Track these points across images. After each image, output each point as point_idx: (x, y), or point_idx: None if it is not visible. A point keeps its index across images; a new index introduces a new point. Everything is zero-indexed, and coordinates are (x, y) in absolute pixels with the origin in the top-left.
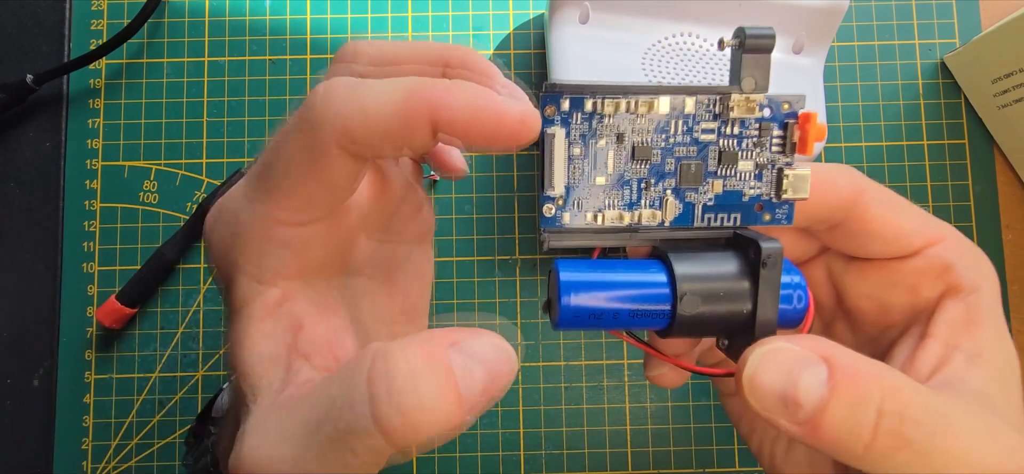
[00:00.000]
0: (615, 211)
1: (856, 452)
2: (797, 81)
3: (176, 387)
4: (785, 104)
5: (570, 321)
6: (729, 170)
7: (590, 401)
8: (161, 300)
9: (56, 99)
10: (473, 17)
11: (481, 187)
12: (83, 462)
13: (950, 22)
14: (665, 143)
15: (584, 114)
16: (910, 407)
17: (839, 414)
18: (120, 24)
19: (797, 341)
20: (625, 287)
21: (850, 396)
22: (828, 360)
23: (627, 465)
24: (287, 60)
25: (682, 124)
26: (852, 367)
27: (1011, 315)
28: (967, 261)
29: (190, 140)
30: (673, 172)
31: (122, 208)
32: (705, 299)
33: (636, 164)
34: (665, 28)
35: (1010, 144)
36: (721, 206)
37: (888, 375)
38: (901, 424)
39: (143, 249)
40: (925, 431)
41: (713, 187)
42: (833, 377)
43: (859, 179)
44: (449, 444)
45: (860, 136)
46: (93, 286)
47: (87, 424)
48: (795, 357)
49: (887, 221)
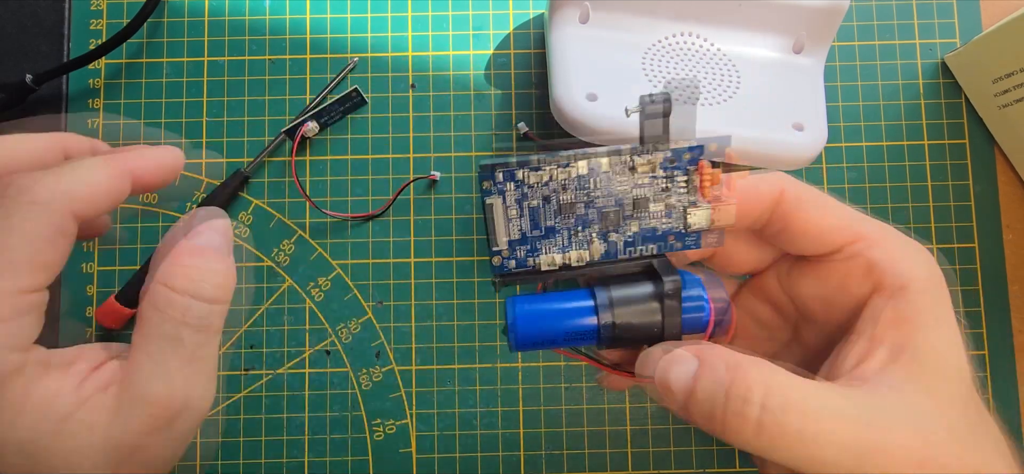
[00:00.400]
0: (549, 256)
1: (717, 429)
2: (797, 81)
3: None
4: (686, 154)
5: (523, 345)
6: (644, 212)
7: (590, 401)
8: None
9: (56, 99)
10: (473, 17)
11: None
12: None
13: (951, 22)
14: (587, 197)
15: (516, 182)
16: (757, 391)
17: (700, 397)
18: (120, 24)
19: (676, 344)
20: (561, 315)
21: (708, 383)
22: (699, 356)
23: (627, 465)
24: (287, 60)
25: (600, 180)
26: (712, 360)
27: (1011, 315)
28: (895, 258)
29: (190, 140)
30: (597, 219)
31: (122, 208)
32: (623, 318)
33: (564, 217)
34: (665, 28)
35: (1011, 144)
36: (641, 240)
37: (749, 367)
38: (744, 405)
39: (143, 249)
40: (773, 413)
41: (631, 227)
42: (699, 369)
43: (782, 181)
44: (449, 444)
45: (860, 136)
46: (93, 286)
47: None
48: (670, 356)
49: (809, 218)
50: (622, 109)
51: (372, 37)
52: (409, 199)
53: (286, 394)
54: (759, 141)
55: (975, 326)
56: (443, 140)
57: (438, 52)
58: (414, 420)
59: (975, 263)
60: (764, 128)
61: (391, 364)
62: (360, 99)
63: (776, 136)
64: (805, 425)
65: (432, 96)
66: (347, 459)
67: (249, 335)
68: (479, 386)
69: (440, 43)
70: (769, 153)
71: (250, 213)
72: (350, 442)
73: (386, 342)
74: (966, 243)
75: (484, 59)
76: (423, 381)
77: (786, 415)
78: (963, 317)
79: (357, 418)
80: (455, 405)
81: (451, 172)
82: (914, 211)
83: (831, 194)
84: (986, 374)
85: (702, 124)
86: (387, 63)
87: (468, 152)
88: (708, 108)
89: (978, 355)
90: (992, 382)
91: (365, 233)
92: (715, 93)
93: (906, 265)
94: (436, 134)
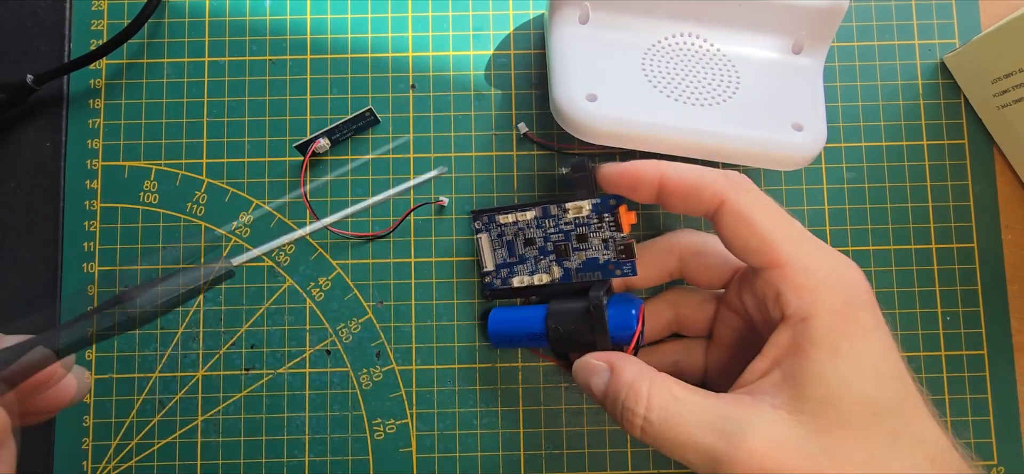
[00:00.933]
0: (520, 278)
1: (620, 425)
2: (797, 81)
3: (176, 387)
4: (612, 200)
5: (495, 342)
6: (585, 245)
7: (590, 401)
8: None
9: (56, 99)
10: (473, 17)
11: (481, 187)
12: (83, 462)
13: (950, 22)
14: (544, 233)
15: (495, 224)
16: (642, 403)
17: (608, 402)
18: (120, 24)
19: (598, 356)
20: (522, 322)
21: (613, 392)
22: (611, 369)
23: (627, 465)
24: (287, 60)
25: (550, 222)
26: (619, 373)
27: (1010, 315)
28: (802, 289)
29: (190, 140)
30: (552, 251)
31: (122, 208)
32: (565, 329)
33: (529, 249)
34: (665, 28)
35: (1010, 144)
36: (587, 268)
37: (641, 382)
38: (633, 414)
39: (143, 249)
40: (658, 412)
41: (579, 257)
42: (610, 379)
43: (726, 191)
44: (449, 444)
45: (860, 136)
46: (93, 286)
47: (87, 424)
48: (589, 368)
49: (736, 232)
50: (623, 109)
51: (372, 37)
52: (409, 199)
53: (286, 394)
54: (758, 141)
55: (974, 326)
56: (443, 140)
57: (438, 52)
58: (414, 420)
59: (974, 263)
60: (763, 128)
61: (391, 364)
62: (373, 119)
63: (775, 136)
64: (674, 432)
65: (432, 96)
66: (347, 459)
67: (249, 335)
68: (479, 386)
69: (440, 43)
70: (768, 153)
71: (251, 213)
72: (350, 442)
73: (386, 342)
74: (965, 243)
75: (484, 59)
76: (423, 381)
77: (660, 423)
78: (891, 336)
79: (357, 418)
80: (455, 405)
81: (451, 172)
82: (913, 211)
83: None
84: (986, 374)
85: (702, 124)
86: (387, 63)
87: (468, 152)
88: (708, 108)
89: (977, 355)
90: (992, 382)
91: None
92: (715, 93)
93: (809, 298)
94: (436, 134)
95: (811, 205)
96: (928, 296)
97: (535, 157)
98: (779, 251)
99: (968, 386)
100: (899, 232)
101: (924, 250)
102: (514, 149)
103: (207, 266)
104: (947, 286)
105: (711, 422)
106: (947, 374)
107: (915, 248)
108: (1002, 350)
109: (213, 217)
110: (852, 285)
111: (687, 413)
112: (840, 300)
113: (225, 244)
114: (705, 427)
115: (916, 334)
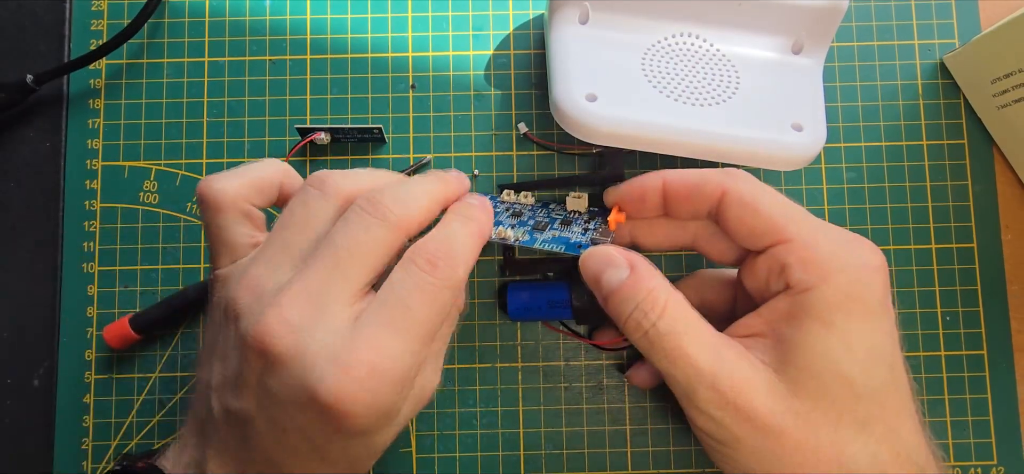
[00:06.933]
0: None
1: (619, 323)
2: (796, 81)
3: (176, 387)
4: (597, 214)
5: (516, 312)
6: (565, 229)
7: (590, 401)
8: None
9: (56, 99)
10: (473, 17)
11: (482, 187)
12: (83, 462)
13: (949, 22)
14: (532, 215)
15: (497, 201)
16: (656, 312)
17: (618, 299)
18: (120, 24)
19: (617, 250)
20: (543, 292)
21: (630, 292)
22: (632, 265)
23: (627, 465)
24: (287, 60)
25: (542, 210)
26: (639, 273)
27: (1010, 315)
28: (807, 263)
29: (190, 140)
30: (532, 224)
31: (122, 208)
32: (590, 299)
33: (513, 218)
34: (665, 28)
35: (1009, 144)
36: (557, 242)
37: (660, 292)
38: (643, 318)
39: (143, 249)
40: (668, 324)
41: (552, 233)
42: (630, 277)
43: (727, 181)
44: (449, 443)
45: (860, 136)
46: (93, 286)
47: (87, 424)
48: (608, 258)
49: (742, 217)
50: (623, 109)
51: (372, 37)
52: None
53: None
54: (758, 141)
55: (974, 326)
56: (443, 140)
57: (438, 52)
58: (414, 420)
59: (974, 263)
60: (763, 128)
61: None
62: (380, 137)
63: (775, 136)
64: (675, 344)
65: (432, 96)
66: None
67: None
68: (479, 386)
69: (440, 43)
70: (768, 153)
71: None
72: None
73: None
74: (965, 243)
75: (484, 59)
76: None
77: (666, 333)
78: (896, 323)
79: None
80: (455, 405)
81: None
82: (913, 211)
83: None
84: (986, 374)
85: (702, 124)
86: (387, 63)
87: (468, 152)
88: (708, 108)
89: (977, 355)
90: (991, 382)
91: None
92: (714, 93)
93: (813, 270)
94: (436, 134)
95: (811, 205)
96: (928, 296)
97: (535, 157)
98: (784, 229)
99: (968, 386)
100: (899, 232)
101: (924, 250)
102: (514, 149)
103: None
104: (947, 286)
105: (709, 349)
106: (947, 374)
107: (915, 248)
108: (1002, 350)
109: None
110: (864, 265)
111: (693, 332)
112: (845, 277)
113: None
114: (703, 351)
115: (916, 334)
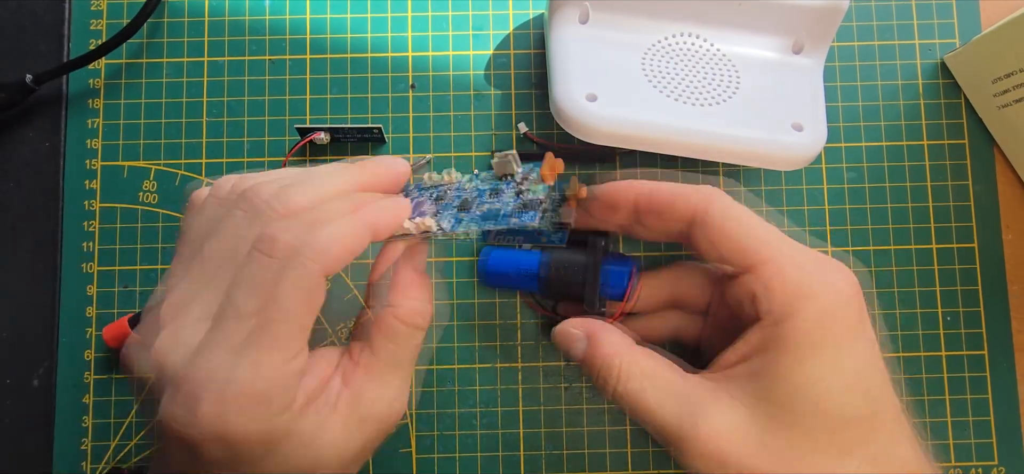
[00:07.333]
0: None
1: (595, 386)
2: (797, 81)
3: None
4: (530, 171)
5: (486, 278)
6: (493, 200)
7: (590, 401)
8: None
9: (56, 99)
10: (473, 17)
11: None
12: (83, 462)
13: (950, 22)
14: (459, 192)
15: (417, 188)
16: (613, 374)
17: (587, 366)
18: (120, 24)
19: (576, 323)
20: (516, 261)
21: (589, 358)
22: (588, 336)
23: (627, 465)
24: (287, 60)
25: (470, 183)
26: (596, 343)
27: (1011, 315)
28: (773, 293)
29: (190, 140)
30: (457, 206)
31: (122, 208)
32: (557, 274)
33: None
34: (665, 28)
35: (1010, 144)
36: (487, 218)
37: (614, 354)
38: (606, 381)
39: (142, 249)
40: (627, 386)
41: (480, 209)
42: (588, 348)
43: (712, 200)
44: (449, 444)
45: (860, 136)
46: (93, 286)
47: (87, 424)
48: (567, 336)
49: (720, 238)
50: (623, 109)
51: (372, 37)
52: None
53: None
54: (758, 141)
55: (975, 326)
56: (443, 140)
57: (438, 52)
58: (414, 420)
59: (975, 263)
60: (763, 128)
61: None
62: (380, 137)
63: (775, 136)
64: (639, 404)
65: (432, 96)
66: None
67: None
68: (479, 386)
69: (440, 43)
70: (768, 153)
71: None
72: None
73: None
74: (965, 243)
75: (484, 59)
76: (423, 381)
77: (627, 395)
78: (878, 343)
79: None
80: (455, 405)
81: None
82: (913, 211)
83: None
84: (986, 374)
85: (702, 124)
86: (387, 63)
87: (468, 152)
88: (708, 108)
89: (978, 355)
90: (992, 382)
91: None
92: (714, 93)
93: (781, 301)
94: (436, 134)
95: (811, 205)
96: (928, 296)
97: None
98: (755, 254)
99: (968, 386)
100: (899, 232)
101: (924, 250)
102: (514, 149)
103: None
104: (947, 286)
105: (674, 401)
106: (947, 374)
107: (915, 248)
108: (1002, 350)
109: None
110: (834, 291)
111: (652, 389)
112: (816, 306)
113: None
114: (667, 405)
115: (916, 334)
